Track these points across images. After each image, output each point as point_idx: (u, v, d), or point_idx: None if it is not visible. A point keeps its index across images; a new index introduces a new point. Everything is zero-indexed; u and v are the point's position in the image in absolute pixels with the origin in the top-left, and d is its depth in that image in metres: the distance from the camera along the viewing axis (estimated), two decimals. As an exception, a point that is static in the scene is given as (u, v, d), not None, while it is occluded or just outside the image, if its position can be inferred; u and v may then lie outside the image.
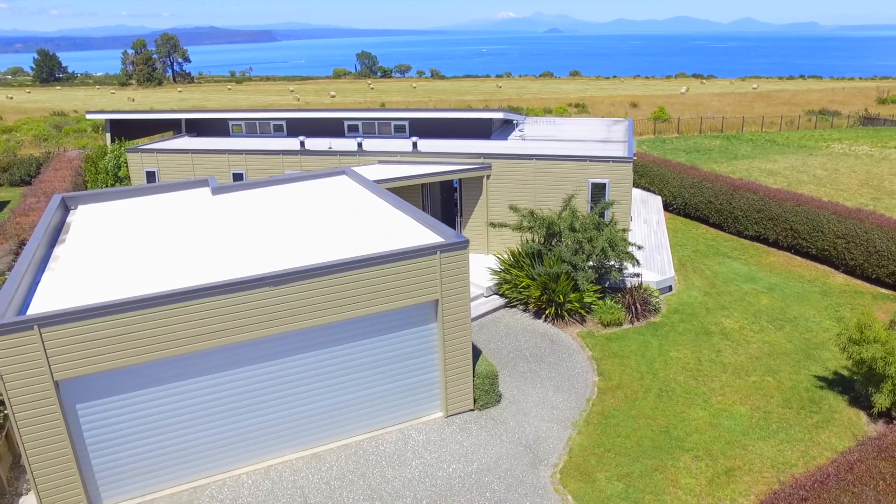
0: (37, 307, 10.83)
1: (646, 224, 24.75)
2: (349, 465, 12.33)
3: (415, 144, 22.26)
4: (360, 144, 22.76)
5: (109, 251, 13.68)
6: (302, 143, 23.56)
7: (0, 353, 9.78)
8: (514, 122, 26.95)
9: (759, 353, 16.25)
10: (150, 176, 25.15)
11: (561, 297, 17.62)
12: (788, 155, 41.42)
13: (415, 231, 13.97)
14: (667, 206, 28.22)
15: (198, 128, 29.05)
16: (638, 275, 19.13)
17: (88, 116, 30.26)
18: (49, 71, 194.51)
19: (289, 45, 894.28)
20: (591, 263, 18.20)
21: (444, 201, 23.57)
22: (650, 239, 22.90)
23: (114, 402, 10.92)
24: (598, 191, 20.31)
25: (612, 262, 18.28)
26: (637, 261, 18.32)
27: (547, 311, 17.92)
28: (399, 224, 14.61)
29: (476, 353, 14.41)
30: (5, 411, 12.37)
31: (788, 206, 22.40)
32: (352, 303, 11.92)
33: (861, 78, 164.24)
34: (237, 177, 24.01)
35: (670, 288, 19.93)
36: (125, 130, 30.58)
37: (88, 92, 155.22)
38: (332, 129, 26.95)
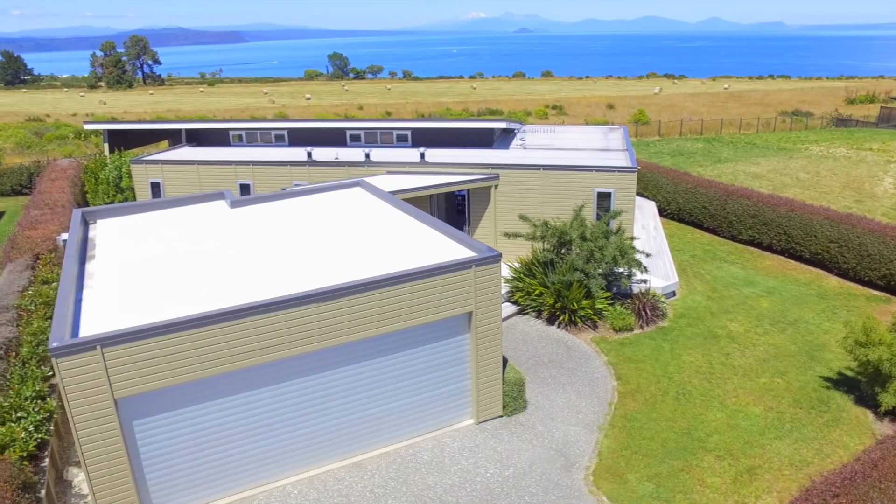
0: (87, 327, 11.08)
1: (644, 230, 25.53)
2: (390, 473, 12.78)
3: (422, 155, 22.72)
4: (367, 155, 23.14)
5: (141, 267, 13.92)
6: (309, 154, 23.85)
7: (64, 373, 10.04)
8: (514, 130, 27.55)
9: (765, 356, 17.06)
10: (155, 187, 25.22)
11: (574, 304, 18.25)
12: (770, 157, 42.74)
13: (443, 244, 14.45)
14: (661, 211, 29.08)
15: (197, 137, 29.13)
16: (645, 281, 19.85)
17: (86, 127, 30.14)
18: (14, 73, 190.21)
19: (258, 47, 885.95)
20: (600, 271, 18.85)
21: (449, 210, 24.09)
22: (650, 244, 23.67)
23: (168, 417, 11.22)
24: (604, 199, 20.99)
25: (622, 270, 18.96)
26: (645, 268, 19.06)
27: (561, 318, 18.54)
28: (426, 237, 15.07)
29: (503, 360, 14.94)
30: (49, 427, 12.59)
31: (782, 211, 23.36)
32: (393, 317, 12.37)
33: (828, 77, 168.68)
34: (244, 188, 24.22)
35: (674, 293, 20.70)
36: (123, 140, 30.53)
37: (56, 95, 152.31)
38: (334, 138, 27.28)
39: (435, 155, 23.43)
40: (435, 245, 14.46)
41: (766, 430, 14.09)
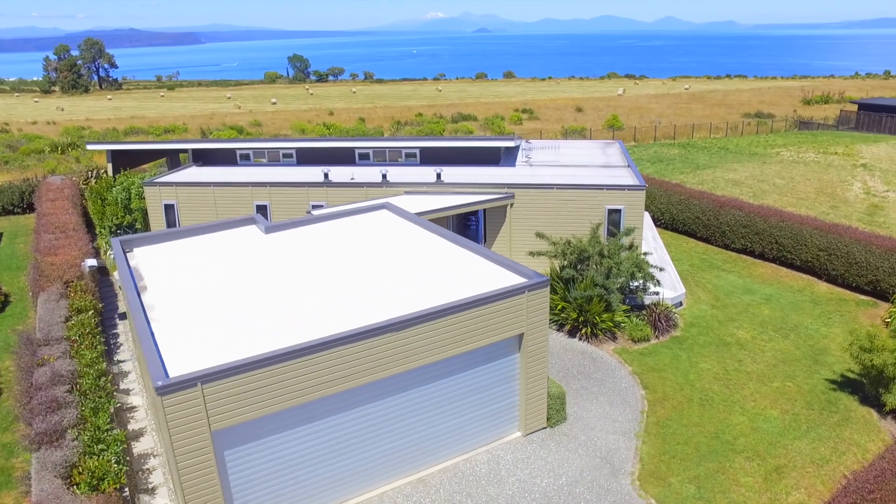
0: (172, 364, 11.72)
1: (643, 241, 26.89)
2: (453, 487, 13.71)
3: (439, 175, 23.62)
4: (384, 176, 23.94)
5: (198, 297, 14.59)
6: (326, 175, 24.52)
7: (168, 409, 10.71)
8: (517, 145, 28.63)
9: (774, 361, 18.51)
10: (169, 209, 25.57)
11: (596, 317, 19.43)
12: (745, 163, 44.80)
13: (487, 268, 15.42)
14: (655, 221, 30.54)
15: (203, 157, 29.46)
16: (657, 293, 21.14)
17: (89, 147, 30.20)
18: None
19: (215, 48, 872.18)
20: (618, 285, 20.04)
21: (459, 226, 25.03)
22: (652, 256, 25.01)
23: (255, 446, 11.96)
24: (614, 216, 22.25)
25: (637, 283, 20.22)
26: (658, 281, 20.35)
27: (582, 331, 19.69)
28: (467, 261, 16.01)
29: (543, 376, 15.99)
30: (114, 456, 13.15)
31: (773, 221, 24.98)
32: (457, 341, 13.31)
33: (783, 77, 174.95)
34: (261, 209, 24.76)
35: (681, 303, 22.06)
36: (125, 159, 30.68)
37: (7, 100, 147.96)
38: (343, 157, 27.98)
39: (451, 175, 24.33)
40: (479, 269, 15.42)
41: (786, 431, 15.46)
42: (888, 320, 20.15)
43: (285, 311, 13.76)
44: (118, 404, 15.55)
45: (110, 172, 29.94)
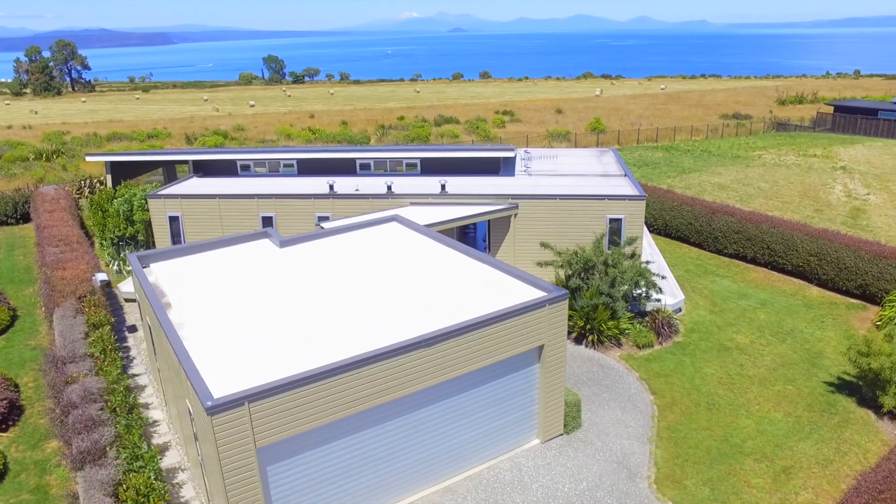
0: (212, 382, 12.09)
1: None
2: (480, 495, 14.25)
3: (443, 186, 24.12)
4: (390, 187, 24.37)
5: (223, 313, 14.96)
6: (331, 187, 24.87)
7: (217, 428, 11.09)
8: (515, 154, 29.23)
9: (773, 365, 19.35)
10: (173, 221, 25.70)
11: (602, 325, 20.11)
12: (728, 167, 46.00)
13: (506, 281, 15.98)
14: (649, 227, 31.38)
15: (204, 167, 29.59)
16: (658, 300, 21.88)
17: (88, 159, 30.13)
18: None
19: (187, 48, 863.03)
20: (621, 293, 20.73)
21: (460, 236, 25.56)
22: (654, 264, 25.78)
23: (295, 461, 12.38)
24: (615, 225, 22.95)
25: (641, 291, 20.94)
26: (660, 288, 21.10)
27: (589, 338, 20.36)
28: (484, 274, 16.55)
29: (559, 384, 16.60)
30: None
31: (765, 227, 25.92)
32: (483, 354, 13.85)
33: (757, 77, 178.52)
34: (266, 220, 25.03)
35: (680, 309, 22.84)
36: (126, 171, 30.70)
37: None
38: (344, 167, 28.33)
39: (454, 185, 24.83)
40: (497, 282, 15.97)
41: (790, 433, 16.27)
42: (878, 323, 21.14)
43: (313, 326, 14.17)
44: (148, 420, 15.82)
45: (109, 184, 29.92)
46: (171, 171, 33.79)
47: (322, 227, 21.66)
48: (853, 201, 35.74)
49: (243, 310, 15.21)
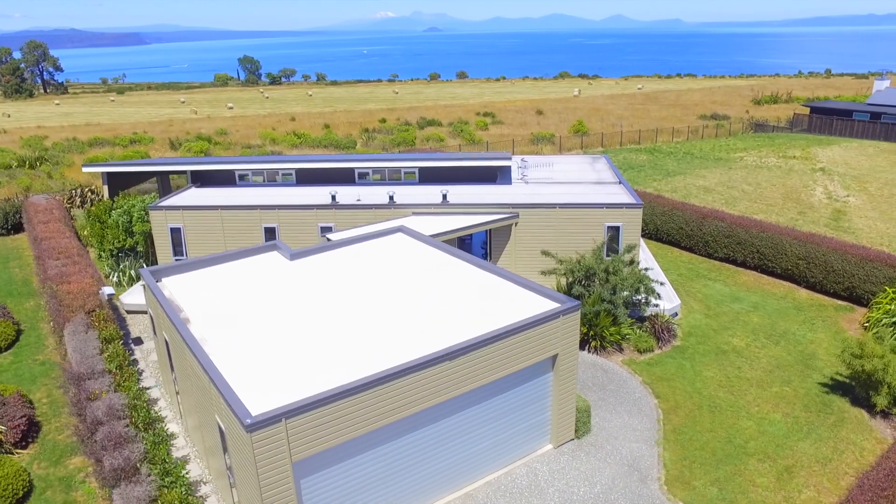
0: (246, 398, 12.44)
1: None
2: (500, 500, 14.77)
3: (444, 196, 24.60)
4: (392, 197, 24.78)
5: (244, 328, 15.32)
6: (333, 197, 25.20)
7: (257, 444, 11.46)
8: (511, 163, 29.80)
9: (769, 367, 20.16)
10: (175, 233, 25.83)
11: (605, 331, 20.75)
12: (712, 169, 47.11)
13: (517, 292, 16.52)
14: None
15: (202, 177, 29.70)
16: (657, 305, 22.60)
17: (85, 170, 30.09)
18: None
19: (160, 49, 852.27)
20: (622, 300, 21.40)
21: (460, 245, 26.04)
22: (652, 271, 26.53)
23: (325, 474, 12.78)
24: (613, 233, 23.63)
25: (640, 297, 21.63)
26: (658, 294, 21.81)
27: (592, 343, 21.00)
28: (494, 285, 17.07)
29: (569, 391, 17.18)
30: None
31: (754, 232, 26.82)
32: (502, 365, 14.37)
33: (731, 76, 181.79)
34: (269, 231, 25.29)
35: (676, 313, 23.60)
36: (123, 182, 30.69)
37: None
38: (343, 176, 28.67)
39: (455, 194, 25.33)
40: (508, 293, 16.51)
41: (790, 433, 17.04)
42: (866, 325, 22.08)
43: (335, 340, 14.57)
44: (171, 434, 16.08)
45: (106, 195, 29.88)
46: (165, 181, 33.77)
47: (329, 240, 22.02)
48: (834, 203, 36.94)
49: (263, 324, 15.55)
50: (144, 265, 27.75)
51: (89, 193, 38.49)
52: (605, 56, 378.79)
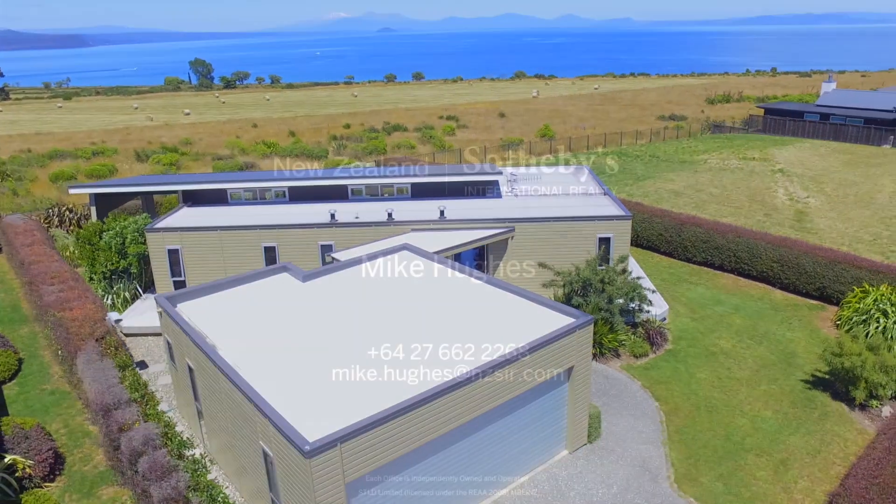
0: (298, 425, 13.09)
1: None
2: (526, 506, 15.76)
3: (442, 212, 25.45)
4: (390, 214, 25.50)
5: (272, 351, 15.93)
6: (332, 215, 25.76)
7: (315, 469, 12.15)
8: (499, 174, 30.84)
9: (756, 367, 21.66)
10: (173, 254, 26.02)
11: (603, 338, 21.95)
12: (678, 172, 49.12)
13: (531, 308, 17.53)
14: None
15: (193, 196, 29.83)
16: (648, 311, 23.92)
17: (72, 191, 29.87)
18: None
19: (105, 51, 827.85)
20: (618, 308, 22.63)
21: (455, 257, 26.95)
22: (644, 280, 27.89)
23: (375, 490, 13.55)
24: (604, 243, 24.87)
25: (634, 305, 22.91)
26: (650, 301, 23.14)
27: (592, 351, 22.13)
28: (507, 300, 18.05)
29: (580, 398, 18.27)
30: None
31: (730, 237, 28.48)
32: (529, 378, 15.36)
33: (683, 75, 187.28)
34: (268, 250, 25.72)
35: (665, 318, 24.98)
36: (111, 202, 30.58)
37: None
38: (336, 193, 29.23)
39: (450, 210, 26.20)
40: (523, 309, 17.50)
41: (781, 428, 18.49)
42: (838, 322, 23.84)
43: (363, 360, 15.24)
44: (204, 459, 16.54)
45: (94, 216, 29.74)
46: (149, 200, 33.75)
47: (335, 259, 22.65)
48: (796, 204, 39.15)
49: (289, 347, 16.14)
50: (139, 287, 27.82)
51: (67, 213, 37.97)
52: (559, 55, 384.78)
